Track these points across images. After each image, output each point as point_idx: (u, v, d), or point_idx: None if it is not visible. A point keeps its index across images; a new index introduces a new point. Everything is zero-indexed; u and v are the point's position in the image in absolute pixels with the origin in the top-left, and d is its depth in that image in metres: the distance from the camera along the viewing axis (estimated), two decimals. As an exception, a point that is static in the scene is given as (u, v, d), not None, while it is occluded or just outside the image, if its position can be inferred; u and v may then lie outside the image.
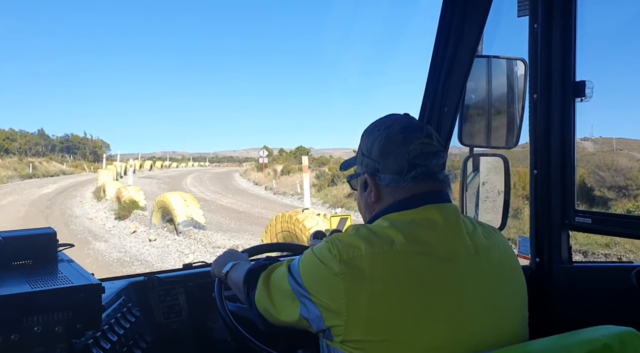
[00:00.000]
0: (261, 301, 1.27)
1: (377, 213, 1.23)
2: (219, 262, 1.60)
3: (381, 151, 1.22)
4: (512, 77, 1.99)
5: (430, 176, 1.20)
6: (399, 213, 1.17)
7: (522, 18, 1.77)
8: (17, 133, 62.83)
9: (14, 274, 1.35)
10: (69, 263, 1.48)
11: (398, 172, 1.19)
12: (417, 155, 1.19)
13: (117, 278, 1.91)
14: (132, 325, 1.60)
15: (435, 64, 1.99)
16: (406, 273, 1.06)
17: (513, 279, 1.20)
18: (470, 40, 1.90)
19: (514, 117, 2.00)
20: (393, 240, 1.09)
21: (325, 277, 1.09)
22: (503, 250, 1.21)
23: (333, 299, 1.06)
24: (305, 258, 1.17)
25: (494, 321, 1.11)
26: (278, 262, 1.30)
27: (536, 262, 1.84)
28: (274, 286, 1.24)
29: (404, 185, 1.19)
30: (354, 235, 1.12)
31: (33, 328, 1.18)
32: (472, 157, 2.14)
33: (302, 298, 1.13)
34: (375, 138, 1.24)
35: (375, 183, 1.24)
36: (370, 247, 1.08)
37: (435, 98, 2.03)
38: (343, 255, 1.08)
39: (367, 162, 1.26)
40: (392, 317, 1.03)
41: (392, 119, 1.28)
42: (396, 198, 1.20)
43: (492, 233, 1.22)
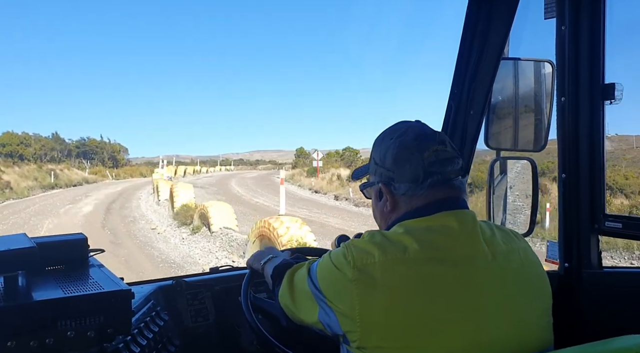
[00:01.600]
0: (283, 297, 1.30)
1: (393, 221, 1.22)
2: (258, 255, 1.63)
3: (395, 160, 1.21)
4: (539, 80, 1.97)
5: (446, 183, 1.19)
6: (414, 220, 1.17)
7: (549, 20, 1.75)
8: (32, 137, 58.10)
9: (48, 279, 1.39)
10: (99, 269, 1.51)
11: (414, 180, 1.18)
12: (432, 162, 1.18)
13: (146, 282, 1.94)
14: (161, 329, 1.63)
15: (461, 67, 1.97)
16: (420, 280, 1.06)
17: (535, 285, 1.18)
18: (496, 42, 1.88)
19: (541, 120, 1.97)
20: (407, 247, 1.09)
21: (340, 282, 1.10)
22: (524, 255, 1.19)
23: (347, 305, 1.07)
24: (322, 263, 1.18)
25: (514, 327, 1.09)
26: (303, 262, 1.33)
27: (565, 267, 1.81)
28: (296, 285, 1.26)
29: (421, 193, 1.19)
30: (368, 241, 1.13)
31: (66, 332, 1.21)
32: (498, 161, 2.11)
33: (320, 302, 1.15)
34: (388, 146, 1.23)
35: (391, 193, 1.23)
36: (384, 254, 1.08)
37: (460, 101, 2.02)
38: (357, 262, 1.08)
39: (380, 171, 1.25)
40: (407, 323, 1.03)
41: (404, 126, 1.26)
42: (412, 206, 1.20)
43: (512, 239, 1.21)
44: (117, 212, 19.67)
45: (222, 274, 2.04)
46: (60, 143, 63.05)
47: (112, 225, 15.85)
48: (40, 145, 57.28)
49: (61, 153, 60.76)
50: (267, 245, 1.77)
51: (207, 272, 2.09)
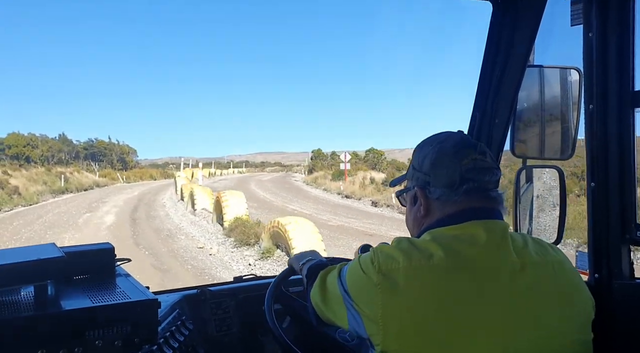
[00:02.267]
0: (315, 296, 1.33)
1: (425, 228, 1.23)
2: (299, 256, 1.69)
3: (432, 164, 1.22)
4: (566, 87, 1.94)
5: (482, 192, 1.19)
6: (443, 229, 1.17)
7: (576, 27, 1.72)
8: (39, 138, 55.43)
9: (76, 288, 1.41)
10: (126, 278, 1.53)
11: (449, 185, 1.19)
12: (470, 169, 1.18)
13: (171, 291, 1.95)
14: (186, 338, 1.63)
15: (485, 75, 1.96)
16: (443, 287, 1.06)
17: (571, 298, 1.15)
18: (521, 50, 1.86)
19: (568, 128, 1.94)
20: (432, 255, 1.09)
21: (366, 286, 1.12)
22: (559, 268, 1.17)
23: (371, 309, 1.09)
24: (351, 267, 1.20)
25: (542, 341, 1.08)
26: (335, 265, 1.35)
27: (595, 278, 1.77)
28: (328, 286, 1.29)
29: (455, 199, 1.19)
30: (395, 247, 1.14)
31: (94, 341, 1.23)
32: (524, 169, 2.08)
33: (347, 304, 1.17)
34: (427, 152, 1.24)
35: (425, 197, 1.24)
36: (408, 260, 1.09)
37: (485, 109, 2.00)
38: (382, 267, 1.10)
39: (417, 176, 1.26)
40: (428, 330, 1.03)
41: (446, 135, 1.28)
42: (445, 213, 1.20)
43: (547, 251, 1.19)
44: (146, 222, 17.14)
45: (246, 283, 2.05)
46: (68, 144, 61.12)
47: (147, 242, 13.16)
48: (47, 147, 55.36)
49: (69, 155, 59.28)
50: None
51: (230, 281, 2.10)
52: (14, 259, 1.26)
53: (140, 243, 12.90)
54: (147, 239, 13.72)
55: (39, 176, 33.31)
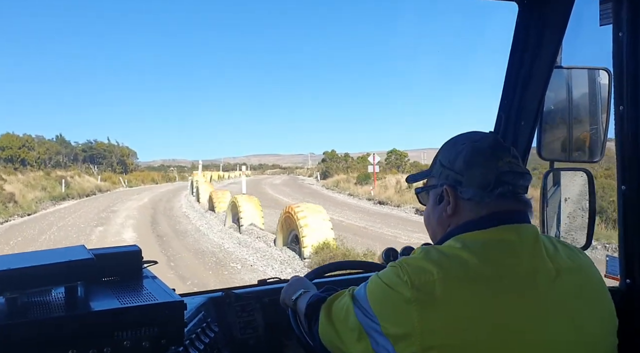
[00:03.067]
0: (326, 335, 1.23)
1: (452, 230, 1.18)
2: (287, 290, 1.57)
3: (467, 163, 1.17)
4: (595, 88, 1.91)
5: (514, 196, 1.16)
6: (472, 234, 1.12)
7: (605, 27, 1.69)
8: (35, 140, 51.65)
9: (104, 290, 1.43)
10: (153, 280, 1.55)
11: (483, 186, 1.14)
12: (506, 172, 1.14)
13: (196, 294, 1.97)
14: (212, 341, 1.64)
15: (511, 76, 1.93)
16: (482, 297, 1.01)
17: (600, 304, 1.13)
18: (548, 51, 1.83)
19: (597, 130, 1.91)
20: (467, 263, 1.05)
21: (395, 303, 1.04)
22: (589, 272, 1.15)
23: (405, 326, 1.02)
24: (372, 286, 1.12)
25: (578, 347, 1.05)
26: (338, 292, 1.27)
27: (626, 284, 1.73)
28: (337, 319, 1.20)
29: (488, 201, 1.14)
30: (423, 258, 1.08)
31: (123, 342, 1.24)
32: (552, 172, 2.05)
33: (371, 331, 1.08)
34: (460, 150, 1.19)
35: (456, 196, 1.18)
36: (443, 271, 1.03)
37: (511, 111, 1.98)
38: (414, 281, 1.03)
39: (447, 174, 1.20)
40: (469, 343, 0.99)
41: (479, 134, 1.24)
42: (476, 215, 1.15)
43: (577, 255, 1.16)
44: (176, 240, 14.20)
45: (270, 286, 2.05)
46: (66, 146, 57.34)
47: (192, 272, 10.18)
48: (44, 149, 51.58)
49: (67, 157, 55.56)
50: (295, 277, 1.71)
51: (255, 284, 2.11)
52: (45, 261, 1.28)
53: (185, 276, 9.94)
54: (190, 268, 10.77)
55: (37, 181, 30.17)
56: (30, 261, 1.28)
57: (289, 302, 1.53)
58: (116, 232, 15.81)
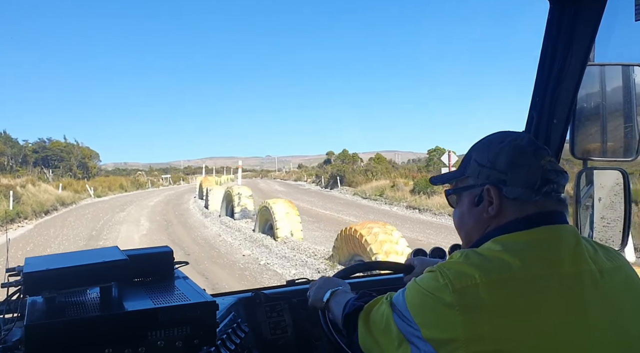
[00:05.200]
0: (366, 345, 1.21)
1: (490, 232, 1.14)
2: (316, 292, 1.56)
3: (511, 162, 1.14)
4: (630, 85, 1.86)
5: (557, 195, 1.14)
6: (511, 236, 1.09)
7: (640, 22, 1.65)
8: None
9: (138, 290, 1.45)
10: (184, 280, 1.57)
11: (529, 185, 1.11)
12: (550, 171, 1.12)
13: (226, 294, 1.99)
14: (242, 341, 1.66)
15: (543, 74, 1.89)
16: (528, 300, 0.99)
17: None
18: (581, 48, 1.79)
19: (632, 127, 1.86)
20: (510, 266, 1.02)
21: (436, 308, 1.02)
22: (629, 273, 1.12)
23: (448, 332, 0.99)
24: (410, 292, 1.10)
25: (624, 348, 1.02)
26: (375, 299, 1.25)
27: None
28: (377, 328, 1.18)
29: (535, 199, 1.11)
30: (463, 262, 1.06)
31: (157, 342, 1.26)
32: (585, 171, 2.01)
33: (411, 337, 1.06)
34: (501, 149, 1.16)
35: (500, 196, 1.14)
36: (486, 275, 1.01)
37: (542, 110, 1.94)
38: (455, 285, 1.01)
39: (488, 173, 1.17)
40: (517, 348, 0.97)
41: (515, 134, 1.21)
42: (521, 214, 1.12)
43: (616, 256, 1.14)
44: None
45: (299, 287, 2.05)
46: (12, 146, 44.09)
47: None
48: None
49: (13, 159, 42.78)
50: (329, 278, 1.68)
51: (283, 284, 2.12)
52: (80, 262, 1.31)
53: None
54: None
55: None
56: (66, 262, 1.31)
57: (320, 304, 1.52)
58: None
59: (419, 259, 1.86)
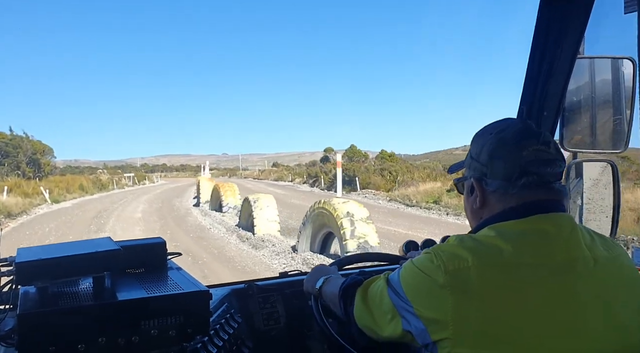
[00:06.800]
0: (361, 317, 1.25)
1: (485, 221, 1.18)
2: (311, 278, 1.60)
3: (490, 155, 1.17)
4: (619, 78, 1.88)
5: (543, 185, 1.14)
6: (507, 223, 1.12)
7: (629, 15, 1.67)
8: None
9: (131, 280, 1.46)
10: (177, 271, 1.57)
11: (507, 178, 1.14)
12: (531, 161, 1.13)
13: (219, 286, 1.99)
14: (235, 331, 1.66)
15: (533, 68, 1.91)
16: (517, 286, 1.01)
17: (635, 293, 1.12)
18: (571, 41, 1.81)
19: (622, 119, 1.88)
20: (502, 251, 1.04)
21: (429, 288, 1.05)
22: (626, 263, 1.14)
23: (439, 312, 1.03)
24: (406, 271, 1.14)
25: (615, 336, 1.04)
26: (374, 276, 1.28)
27: None
28: (373, 301, 1.22)
29: (513, 192, 1.14)
30: (458, 245, 1.09)
31: (150, 331, 1.26)
32: (575, 163, 2.03)
33: (404, 311, 1.10)
34: (486, 141, 1.19)
35: (482, 189, 1.19)
36: (478, 259, 1.04)
37: (533, 103, 1.95)
38: (448, 267, 1.04)
39: (474, 166, 1.21)
40: (503, 330, 0.99)
41: (507, 122, 1.23)
42: (505, 206, 1.15)
43: (613, 245, 1.15)
44: None
45: (292, 278, 2.06)
46: None
47: None
48: None
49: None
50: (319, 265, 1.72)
51: (276, 276, 2.13)
52: (73, 252, 1.31)
53: None
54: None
55: None
56: (59, 252, 1.31)
57: (313, 290, 1.55)
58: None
59: (417, 253, 1.89)
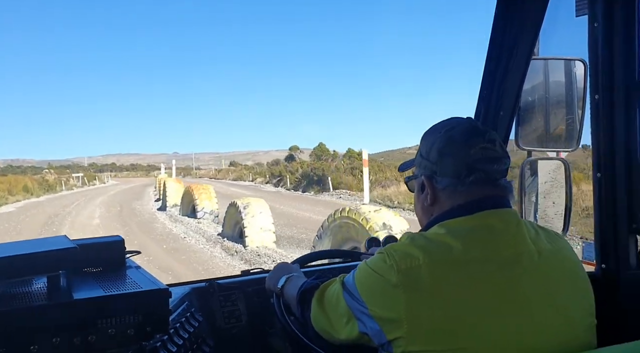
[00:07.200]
0: (318, 321, 1.26)
1: (435, 219, 1.21)
2: (273, 276, 1.59)
3: (439, 153, 1.20)
4: (571, 78, 1.95)
5: (490, 182, 1.18)
6: (456, 220, 1.15)
7: (581, 17, 1.73)
8: None
9: (87, 279, 1.42)
10: (136, 270, 1.54)
11: (456, 175, 1.17)
12: (478, 159, 1.16)
13: (180, 284, 1.97)
14: (196, 330, 1.65)
15: (490, 68, 1.96)
16: (466, 281, 1.04)
17: (578, 285, 1.17)
18: (526, 42, 1.86)
19: (573, 119, 1.95)
20: (451, 248, 1.07)
21: (383, 288, 1.07)
22: (568, 255, 1.18)
23: (393, 311, 1.05)
24: (360, 272, 1.15)
25: (560, 328, 1.08)
26: (330, 280, 1.29)
27: (602, 269, 1.78)
28: (329, 305, 1.23)
29: (462, 189, 1.17)
30: (410, 244, 1.11)
31: (108, 330, 1.24)
32: (530, 161, 2.09)
33: (359, 313, 1.12)
34: (435, 140, 1.22)
35: (432, 186, 1.22)
36: (429, 256, 1.06)
37: (490, 102, 2.00)
38: (401, 266, 1.06)
39: (425, 164, 1.24)
40: (454, 326, 1.01)
41: (455, 121, 1.26)
42: (454, 203, 1.18)
43: (556, 238, 1.19)
44: None
45: (254, 276, 2.06)
46: None
47: None
48: None
49: None
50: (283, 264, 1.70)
51: (238, 274, 2.12)
52: (26, 250, 1.27)
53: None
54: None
55: None
56: (11, 251, 1.27)
57: (275, 288, 1.55)
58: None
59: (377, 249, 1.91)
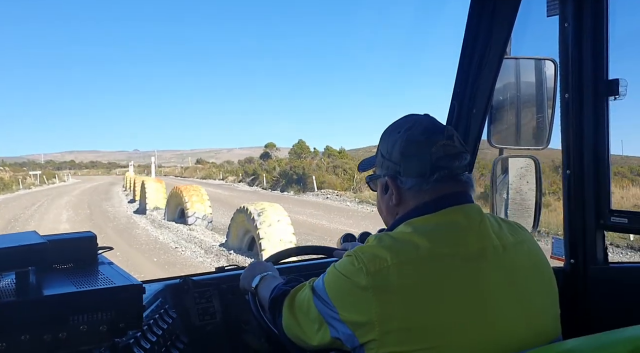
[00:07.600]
0: (290, 328, 1.25)
1: (400, 218, 1.21)
2: (247, 275, 1.57)
3: (402, 154, 1.19)
4: (542, 78, 1.99)
5: (452, 178, 1.19)
6: (421, 218, 1.16)
7: (552, 18, 1.77)
8: None
9: (58, 276, 1.39)
10: (109, 266, 1.51)
11: (420, 175, 1.18)
12: (440, 157, 1.17)
13: (154, 281, 1.94)
14: (170, 326, 1.63)
15: (463, 66, 1.99)
16: (435, 278, 1.05)
17: (542, 276, 1.19)
18: (498, 42, 1.90)
19: (544, 118, 1.99)
20: (418, 246, 1.08)
21: (352, 292, 1.07)
22: (531, 247, 1.21)
23: (363, 314, 1.04)
24: (329, 277, 1.15)
25: (525, 319, 1.10)
26: (300, 284, 1.29)
27: (570, 264, 1.83)
28: (300, 311, 1.22)
29: (427, 188, 1.18)
30: (377, 245, 1.11)
31: (79, 326, 1.21)
32: (502, 159, 2.13)
33: (330, 319, 1.11)
34: (396, 140, 1.22)
35: (397, 187, 1.22)
36: (396, 256, 1.06)
37: (463, 100, 2.03)
38: (369, 268, 1.06)
39: (387, 165, 1.24)
40: (425, 324, 1.02)
41: (413, 119, 1.25)
42: (419, 202, 1.18)
43: (518, 231, 1.22)
44: None
45: (228, 273, 2.04)
46: None
47: None
48: None
49: None
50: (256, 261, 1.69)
51: (213, 271, 2.10)
52: None
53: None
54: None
55: None
56: None
57: (249, 287, 1.53)
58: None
59: (351, 244, 1.91)
